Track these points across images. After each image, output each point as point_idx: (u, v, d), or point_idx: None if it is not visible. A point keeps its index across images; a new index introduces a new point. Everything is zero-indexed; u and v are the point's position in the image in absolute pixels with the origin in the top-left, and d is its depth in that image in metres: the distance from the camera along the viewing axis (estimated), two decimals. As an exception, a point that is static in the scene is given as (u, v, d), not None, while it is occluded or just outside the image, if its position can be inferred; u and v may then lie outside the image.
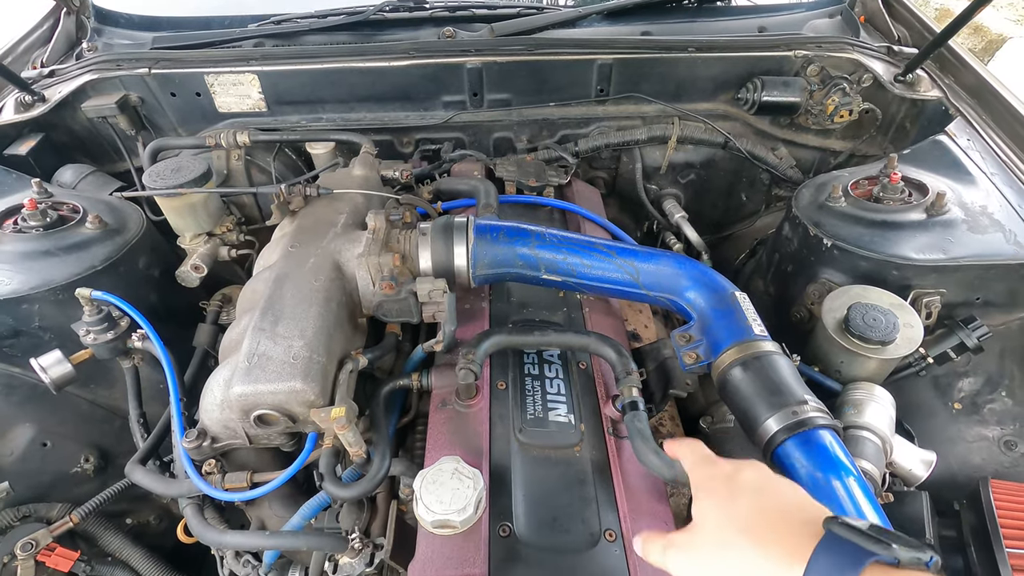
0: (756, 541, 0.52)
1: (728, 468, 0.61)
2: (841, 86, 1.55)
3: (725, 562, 0.54)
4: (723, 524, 0.55)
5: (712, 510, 0.57)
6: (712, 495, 0.59)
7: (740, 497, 0.56)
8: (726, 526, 0.55)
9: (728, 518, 0.55)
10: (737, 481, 0.58)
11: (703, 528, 0.57)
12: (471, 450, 0.90)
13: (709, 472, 0.62)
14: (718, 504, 0.57)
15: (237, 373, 0.87)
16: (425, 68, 1.57)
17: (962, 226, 1.18)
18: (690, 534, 0.58)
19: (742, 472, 0.59)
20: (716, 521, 0.56)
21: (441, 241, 1.06)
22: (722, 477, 0.60)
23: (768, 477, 0.59)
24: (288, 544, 0.90)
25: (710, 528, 0.56)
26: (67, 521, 1.10)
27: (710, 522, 0.57)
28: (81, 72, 1.56)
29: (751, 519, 0.54)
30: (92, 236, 1.24)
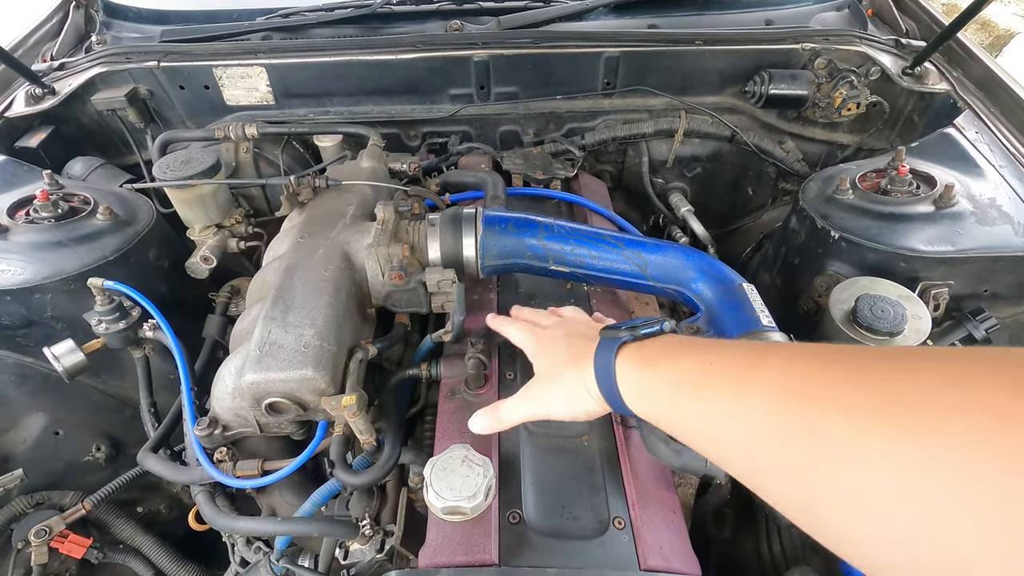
0: (569, 360, 0.73)
1: (553, 330, 0.83)
2: (849, 79, 1.54)
3: (553, 379, 0.75)
4: (550, 365, 0.77)
5: (543, 359, 0.79)
6: (542, 348, 0.81)
7: (559, 344, 0.78)
8: (553, 366, 0.76)
9: (554, 358, 0.77)
10: (559, 335, 0.80)
11: (540, 372, 0.78)
12: (480, 439, 0.90)
13: (539, 334, 0.84)
14: (547, 354, 0.79)
15: (249, 361, 0.88)
16: (432, 61, 1.57)
17: (970, 218, 1.18)
18: (534, 382, 0.78)
19: (562, 327, 0.82)
20: (547, 364, 0.78)
21: (450, 232, 1.07)
22: (548, 336, 0.82)
23: (575, 321, 0.85)
24: (300, 530, 0.91)
25: (544, 369, 0.78)
26: (80, 508, 1.12)
27: (543, 367, 0.79)
28: (91, 65, 1.57)
29: (565, 349, 0.76)
30: (103, 227, 1.25)
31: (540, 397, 0.76)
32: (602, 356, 0.66)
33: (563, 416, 0.73)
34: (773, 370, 0.45)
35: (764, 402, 0.43)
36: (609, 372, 0.64)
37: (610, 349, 0.65)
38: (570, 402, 0.72)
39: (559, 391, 0.73)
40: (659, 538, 0.82)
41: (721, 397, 0.49)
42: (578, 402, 0.71)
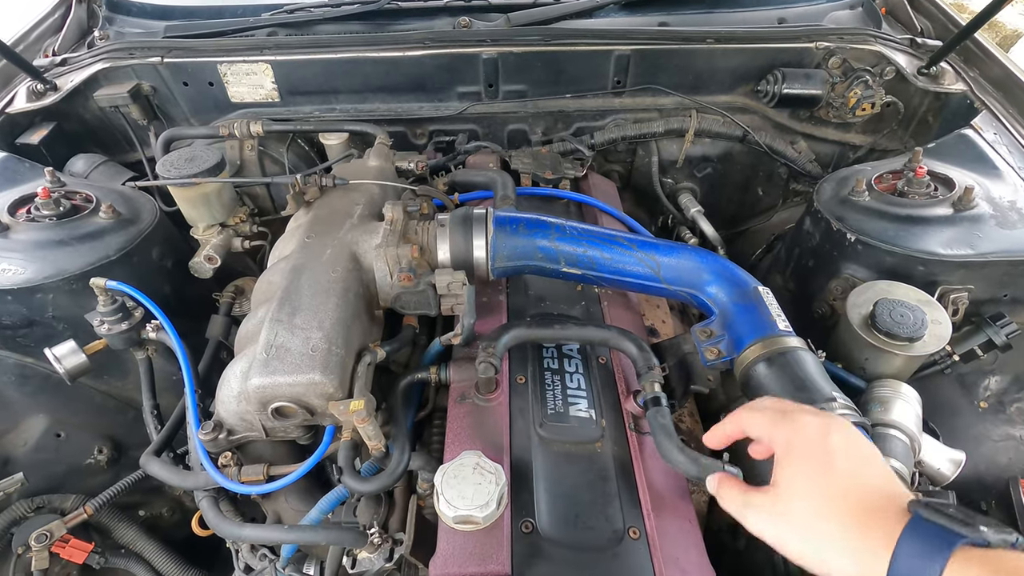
0: (846, 520, 0.51)
1: (814, 430, 0.57)
2: (863, 78, 1.52)
3: (811, 533, 0.53)
4: (814, 495, 0.53)
5: (803, 477, 0.55)
6: (804, 460, 0.56)
7: (833, 468, 0.54)
8: (818, 498, 0.53)
9: (821, 491, 0.53)
10: (828, 446, 0.55)
11: (792, 494, 0.55)
12: (491, 444, 0.89)
13: (793, 431, 0.58)
14: (811, 472, 0.55)
15: (255, 365, 0.86)
16: (440, 58, 1.55)
17: (990, 221, 1.16)
18: (775, 498, 0.57)
19: (831, 435, 0.56)
20: (807, 490, 0.54)
21: (460, 233, 1.05)
22: (811, 440, 0.57)
23: (858, 442, 0.56)
24: (307, 538, 0.89)
25: (800, 496, 0.55)
26: (81, 513, 1.10)
27: (800, 489, 0.55)
28: (93, 61, 1.55)
29: (842, 494, 0.52)
30: (105, 226, 1.23)
31: (782, 528, 0.55)
32: (918, 545, 0.45)
33: (798, 562, 0.54)
34: None
35: None
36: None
37: (938, 545, 0.44)
38: (818, 558, 0.52)
39: (812, 537, 0.52)
40: (675, 549, 0.80)
41: None
42: (829, 564, 0.51)
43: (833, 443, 0.56)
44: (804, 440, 0.57)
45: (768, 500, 0.57)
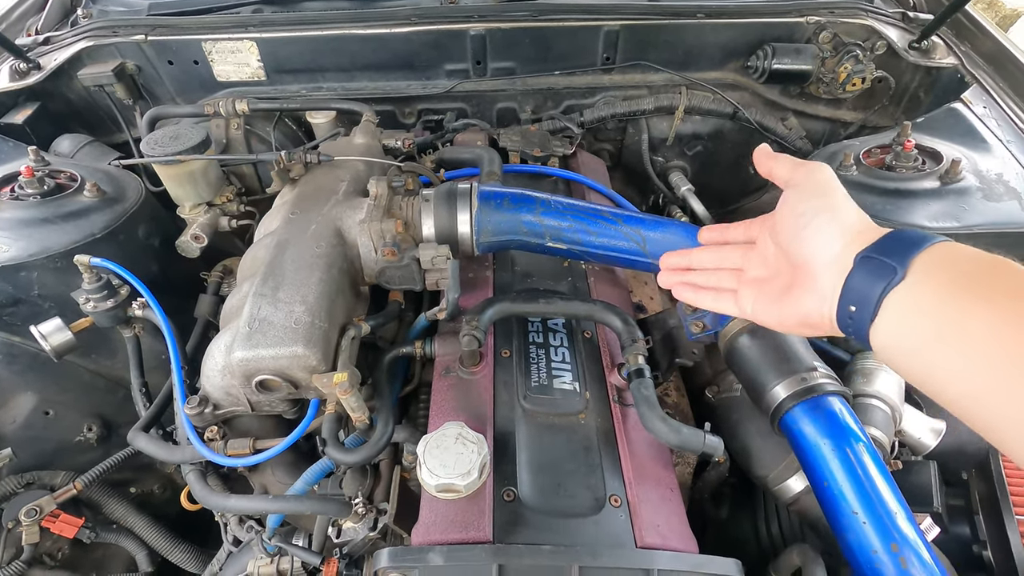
0: (829, 216, 0.57)
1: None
2: (854, 53, 1.50)
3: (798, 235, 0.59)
4: (805, 205, 0.59)
5: (803, 194, 0.60)
6: (807, 185, 0.61)
7: (830, 189, 0.60)
8: (809, 206, 0.59)
9: (819, 201, 0.59)
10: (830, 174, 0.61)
11: (788, 210, 0.61)
12: (475, 416, 0.89)
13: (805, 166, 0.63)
14: (811, 191, 0.60)
15: (238, 338, 0.86)
16: (427, 35, 1.53)
17: (977, 194, 1.16)
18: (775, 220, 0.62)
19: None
20: (801, 202, 0.60)
21: (444, 207, 1.04)
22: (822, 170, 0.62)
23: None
24: (292, 508, 0.90)
25: (793, 208, 0.60)
26: (71, 488, 1.11)
27: (796, 205, 0.60)
28: (76, 39, 1.53)
29: (831, 204, 0.58)
30: (90, 204, 1.23)
31: (762, 239, 0.64)
32: (897, 243, 0.51)
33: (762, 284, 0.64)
34: None
35: None
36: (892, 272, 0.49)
37: (912, 244, 0.50)
38: (788, 277, 0.60)
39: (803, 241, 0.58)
40: (656, 516, 0.81)
41: None
42: (800, 289, 0.58)
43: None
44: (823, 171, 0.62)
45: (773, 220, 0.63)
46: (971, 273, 0.47)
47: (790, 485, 0.94)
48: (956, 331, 0.45)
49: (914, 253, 0.48)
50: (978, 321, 0.44)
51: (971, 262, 0.48)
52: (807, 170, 0.62)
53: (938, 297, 0.47)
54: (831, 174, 0.61)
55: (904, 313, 0.49)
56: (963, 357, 0.45)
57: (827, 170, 0.61)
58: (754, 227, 0.69)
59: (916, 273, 0.48)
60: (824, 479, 0.82)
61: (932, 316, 0.47)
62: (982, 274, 0.47)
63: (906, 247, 0.49)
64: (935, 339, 0.47)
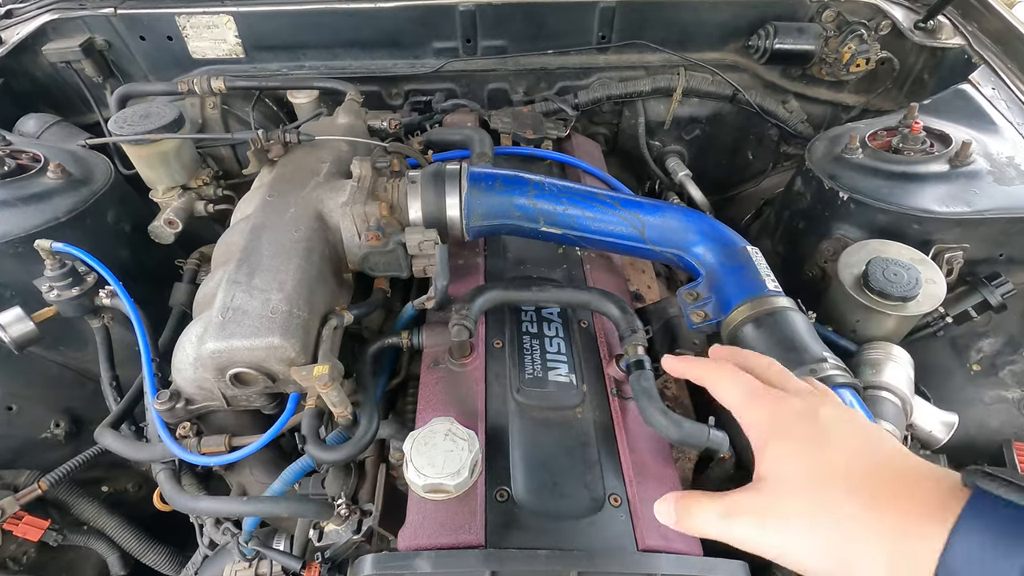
0: (869, 500, 0.37)
1: (796, 403, 0.45)
2: (858, 32, 1.45)
3: (829, 528, 0.38)
4: (816, 478, 0.39)
5: (796, 459, 0.41)
6: (792, 440, 0.42)
7: (831, 444, 0.41)
8: (820, 481, 0.39)
9: (822, 471, 0.39)
10: (820, 422, 0.42)
11: (786, 484, 0.41)
12: (465, 411, 0.84)
13: (775, 409, 0.45)
14: (804, 452, 0.41)
15: (210, 328, 0.80)
16: (414, 10, 1.46)
17: (987, 177, 1.11)
18: (763, 494, 0.42)
19: (821, 408, 0.44)
20: (805, 475, 0.40)
21: (432, 190, 0.98)
22: (798, 415, 0.44)
23: (857, 416, 0.44)
24: (268, 510, 0.84)
25: (797, 484, 0.40)
26: (35, 488, 1.04)
27: (795, 476, 0.40)
28: (40, 12, 1.45)
29: (854, 471, 0.39)
30: (54, 186, 1.15)
31: (785, 530, 0.40)
32: (988, 533, 0.33)
33: (819, 569, 0.39)
34: None
35: None
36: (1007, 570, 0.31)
37: (1012, 521, 0.32)
38: (841, 562, 0.38)
39: (826, 537, 0.38)
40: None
41: None
42: (855, 568, 0.37)
43: (825, 416, 0.43)
44: (788, 418, 0.44)
45: (755, 500, 0.42)
46: None
47: (796, 481, 0.90)
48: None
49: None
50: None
51: None
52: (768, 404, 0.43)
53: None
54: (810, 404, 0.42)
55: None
56: None
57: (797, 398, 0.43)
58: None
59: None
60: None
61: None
62: None
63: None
64: None
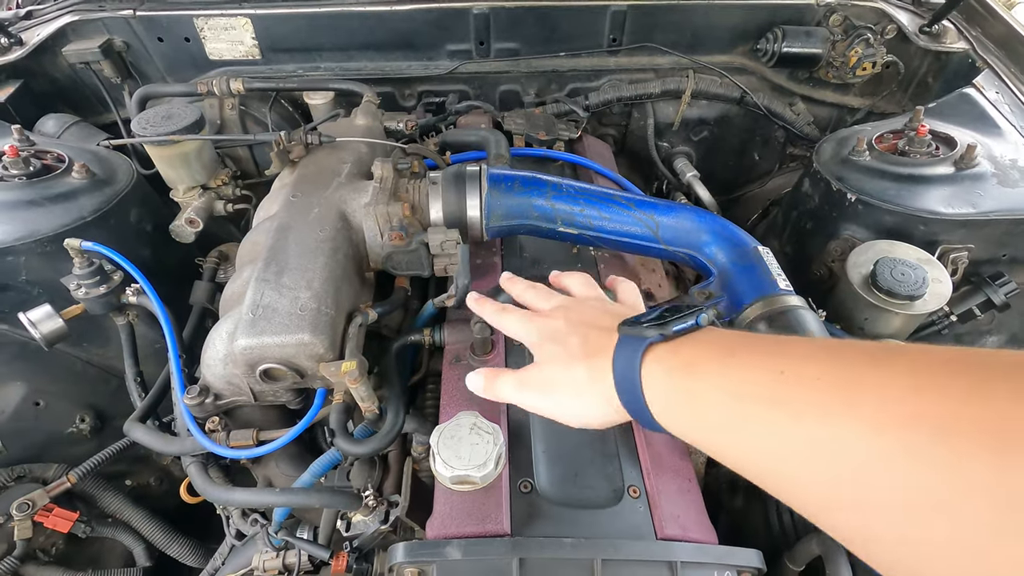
0: (587, 362, 0.59)
1: (552, 322, 0.67)
2: (865, 36, 1.48)
3: (569, 389, 0.61)
4: (560, 354, 0.62)
5: (551, 345, 0.64)
6: (548, 340, 0.65)
7: (572, 331, 0.63)
8: (562, 356, 0.62)
9: (564, 350, 0.62)
10: (561, 327, 0.65)
11: (545, 365, 0.64)
12: (487, 406, 0.86)
13: (538, 327, 0.68)
14: (555, 346, 0.64)
15: (241, 325, 0.82)
16: (429, 13, 1.48)
17: (992, 179, 1.14)
18: (541, 371, 0.65)
19: (563, 318, 0.66)
20: (554, 354, 0.63)
21: (453, 190, 1.01)
22: (549, 329, 0.66)
23: (595, 310, 0.66)
24: (300, 501, 0.87)
25: (550, 361, 0.64)
26: (64, 481, 1.07)
27: (550, 358, 0.64)
28: (61, 13, 1.47)
29: (580, 346, 0.61)
30: (79, 186, 1.17)
31: (546, 393, 0.64)
32: (623, 359, 0.53)
33: (572, 421, 0.62)
34: (882, 387, 0.34)
35: (887, 436, 0.32)
36: (633, 381, 0.51)
37: (634, 351, 0.52)
38: (583, 408, 0.60)
39: (569, 393, 0.61)
40: (675, 507, 0.79)
41: (810, 422, 0.37)
42: (592, 409, 0.59)
43: (567, 320, 0.65)
44: (545, 325, 0.67)
45: (531, 375, 0.65)
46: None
47: (807, 474, 0.93)
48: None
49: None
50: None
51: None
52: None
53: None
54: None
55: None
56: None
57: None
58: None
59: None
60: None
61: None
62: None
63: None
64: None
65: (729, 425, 0.44)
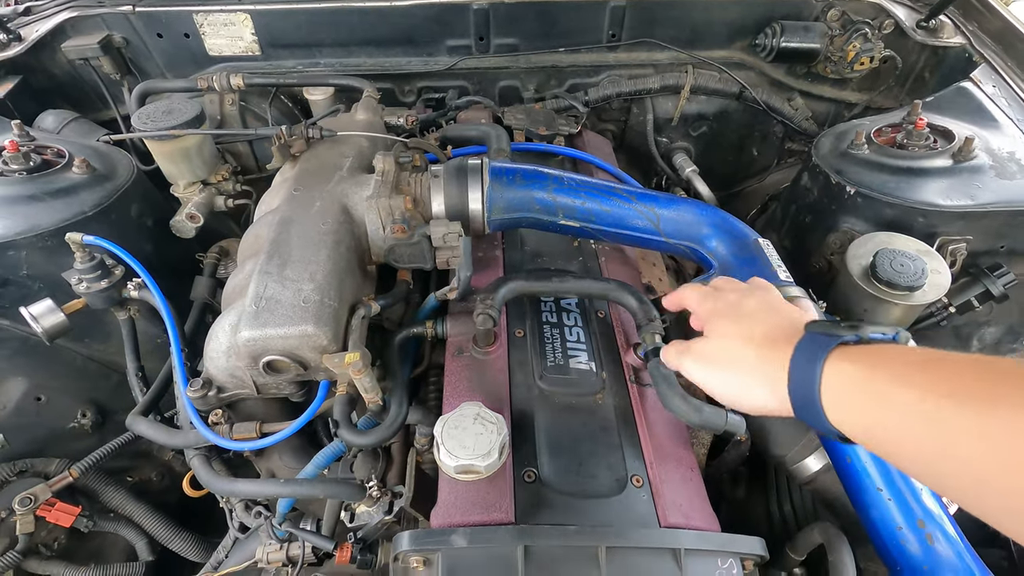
0: (759, 351, 0.59)
1: (734, 296, 0.68)
2: (863, 31, 1.49)
3: (732, 368, 0.61)
4: (732, 335, 0.63)
5: (724, 325, 0.65)
6: (724, 316, 0.66)
7: (747, 315, 0.64)
8: (734, 338, 0.62)
9: (737, 332, 0.62)
10: (743, 302, 0.66)
11: (715, 338, 0.65)
12: (491, 397, 0.87)
13: (716, 300, 0.69)
14: (729, 321, 0.64)
15: (244, 317, 0.83)
16: (429, 8, 1.48)
17: (989, 172, 1.15)
18: (704, 343, 0.66)
19: (746, 297, 0.67)
20: (726, 333, 0.64)
21: (455, 184, 1.01)
22: (730, 303, 0.67)
23: (771, 296, 0.67)
24: (305, 492, 0.87)
25: (721, 338, 0.64)
26: (66, 476, 1.07)
27: (721, 333, 0.64)
28: (59, 9, 1.46)
29: (754, 332, 0.61)
30: (79, 181, 1.17)
31: (705, 364, 0.64)
32: (806, 352, 0.52)
33: (724, 398, 0.63)
34: None
35: None
36: (811, 375, 0.50)
37: (821, 346, 0.51)
38: (740, 388, 0.60)
39: (731, 369, 0.61)
40: (678, 495, 0.80)
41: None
42: (751, 390, 0.59)
43: (746, 303, 0.66)
44: (724, 305, 0.67)
45: (700, 347, 0.67)
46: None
47: (808, 464, 0.93)
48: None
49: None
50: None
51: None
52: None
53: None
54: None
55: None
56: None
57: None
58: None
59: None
60: (847, 455, 0.81)
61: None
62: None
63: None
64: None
65: (928, 426, 0.42)
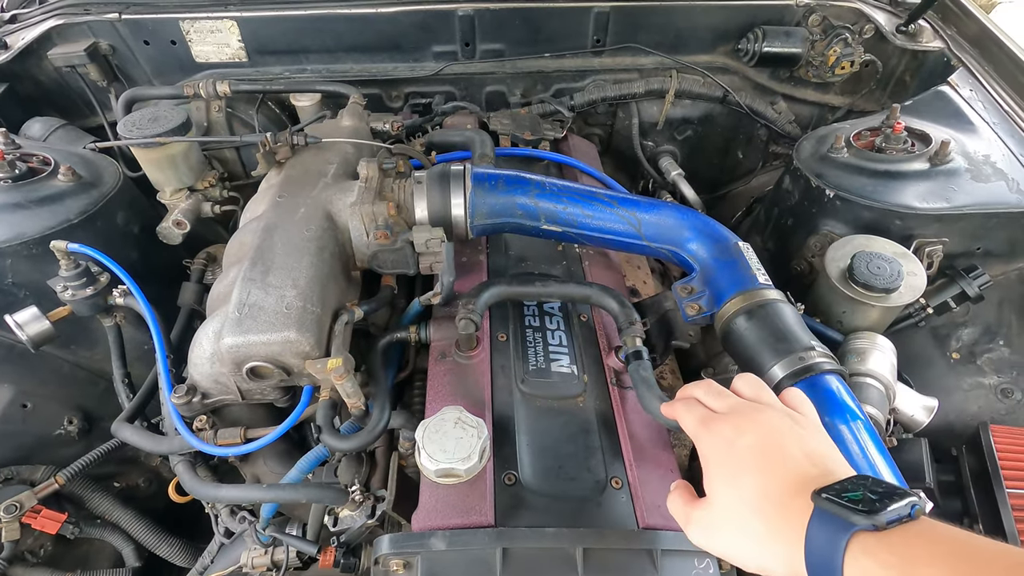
0: (766, 522, 0.53)
1: (728, 434, 0.60)
2: (843, 36, 1.51)
3: (740, 541, 0.55)
4: (733, 503, 0.56)
5: (722, 486, 0.58)
6: (720, 469, 0.58)
7: (744, 471, 0.56)
8: (736, 506, 0.56)
9: (738, 497, 0.56)
10: (738, 451, 0.58)
11: (716, 505, 0.58)
12: (473, 401, 0.88)
13: (710, 441, 0.61)
14: (726, 480, 0.57)
15: (227, 324, 0.83)
16: (414, 15, 1.50)
17: (965, 175, 1.17)
18: (707, 511, 0.59)
19: (740, 438, 0.58)
20: (727, 499, 0.57)
21: (437, 190, 1.02)
22: (723, 447, 0.59)
23: (769, 438, 0.58)
24: (288, 496, 0.88)
25: (722, 506, 0.57)
26: (52, 483, 1.07)
27: (722, 499, 0.58)
28: (46, 17, 1.47)
29: (756, 497, 0.55)
30: (65, 189, 1.18)
31: (716, 538, 0.58)
32: (822, 539, 0.48)
33: (746, 567, 0.56)
34: None
35: None
36: (834, 567, 0.46)
37: (837, 535, 0.46)
38: (751, 561, 0.55)
39: (741, 543, 0.55)
40: (657, 497, 0.81)
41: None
42: (763, 564, 0.54)
43: (742, 446, 0.58)
44: (718, 449, 0.59)
45: (702, 514, 0.59)
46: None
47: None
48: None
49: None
50: None
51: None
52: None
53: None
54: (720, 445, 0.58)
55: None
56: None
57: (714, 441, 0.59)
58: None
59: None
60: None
61: None
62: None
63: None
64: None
65: None
